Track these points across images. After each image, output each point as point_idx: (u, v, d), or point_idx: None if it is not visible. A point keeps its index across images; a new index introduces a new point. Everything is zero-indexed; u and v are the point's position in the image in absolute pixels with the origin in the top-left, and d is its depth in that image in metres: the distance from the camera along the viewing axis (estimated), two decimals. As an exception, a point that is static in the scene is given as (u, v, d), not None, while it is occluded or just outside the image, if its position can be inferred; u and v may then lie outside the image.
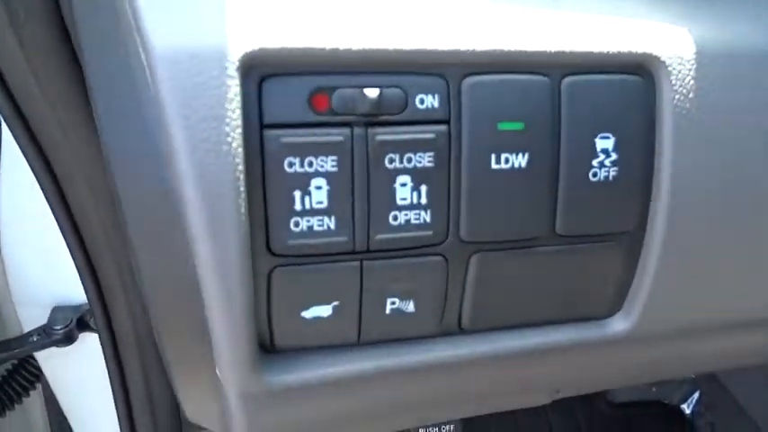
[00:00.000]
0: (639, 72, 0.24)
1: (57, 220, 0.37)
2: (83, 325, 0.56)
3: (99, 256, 0.40)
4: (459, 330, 0.26)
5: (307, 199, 0.22)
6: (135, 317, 0.46)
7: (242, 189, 0.21)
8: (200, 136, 0.20)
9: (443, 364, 0.26)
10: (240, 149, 0.20)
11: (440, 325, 0.25)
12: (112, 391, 0.52)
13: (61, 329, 0.54)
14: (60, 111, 0.29)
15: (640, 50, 0.24)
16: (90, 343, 0.54)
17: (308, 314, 0.23)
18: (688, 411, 0.98)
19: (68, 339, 0.54)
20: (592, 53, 0.24)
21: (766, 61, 0.26)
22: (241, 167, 0.20)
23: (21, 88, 0.28)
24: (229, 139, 0.20)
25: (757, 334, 0.32)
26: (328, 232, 0.22)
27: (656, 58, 0.24)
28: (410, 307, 0.24)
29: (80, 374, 0.58)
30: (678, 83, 0.24)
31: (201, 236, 0.21)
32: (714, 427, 0.96)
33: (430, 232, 0.23)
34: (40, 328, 0.54)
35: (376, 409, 0.28)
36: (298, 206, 0.22)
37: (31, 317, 0.56)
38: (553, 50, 0.23)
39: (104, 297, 0.45)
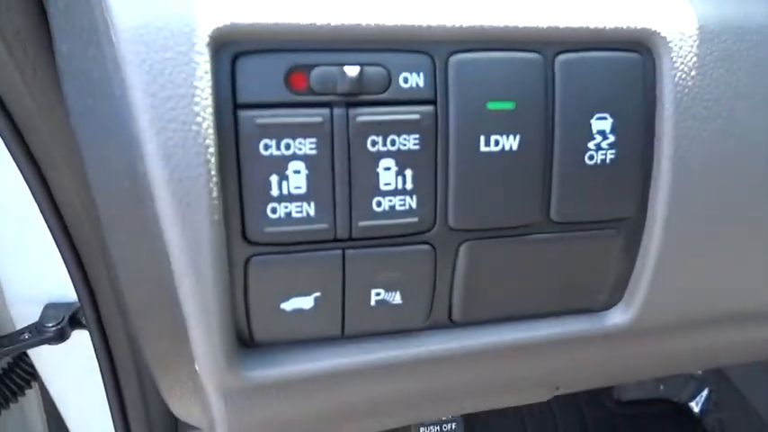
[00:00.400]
0: (638, 49, 0.23)
1: (44, 217, 0.36)
2: (75, 322, 0.55)
3: (87, 253, 0.39)
4: (450, 323, 0.25)
5: (284, 184, 0.21)
6: (125, 313, 0.45)
7: (213, 173, 0.19)
8: (168, 115, 0.19)
9: (433, 358, 0.25)
10: (211, 130, 0.19)
11: (428, 317, 0.24)
12: (105, 388, 0.51)
13: (53, 327, 0.53)
14: (41, 98, 0.28)
15: (639, 26, 0.23)
16: (83, 340, 0.53)
17: (287, 306, 0.22)
18: (697, 409, 0.97)
19: (60, 337, 0.53)
20: (587, 29, 0.22)
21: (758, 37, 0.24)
22: (212, 149, 0.19)
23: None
24: (199, 119, 0.19)
25: (764, 327, 0.31)
26: (308, 219, 0.21)
27: (656, 34, 0.23)
28: (396, 298, 0.23)
29: (74, 372, 0.58)
30: (679, 60, 0.23)
31: (171, 223, 0.20)
32: (723, 424, 0.94)
33: (416, 219, 0.22)
34: (31, 325, 0.54)
35: (363, 405, 0.26)
36: (275, 191, 0.21)
37: (23, 314, 0.55)
38: (546, 26, 0.22)
39: (94, 294, 0.44)
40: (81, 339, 0.55)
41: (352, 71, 0.20)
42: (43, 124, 0.29)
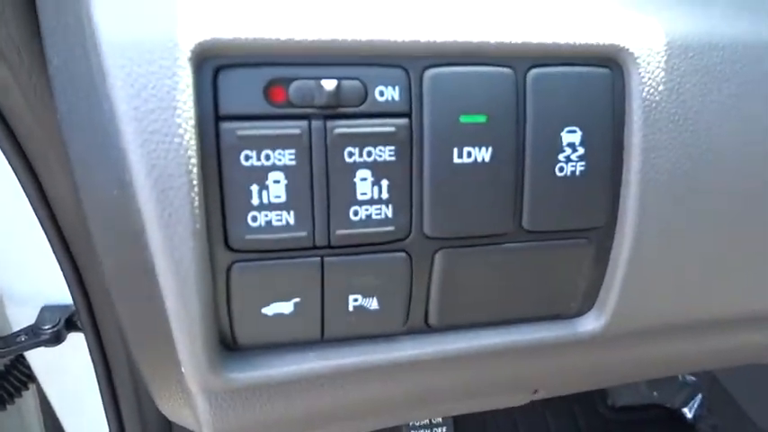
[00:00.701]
0: (608, 64, 0.24)
1: (39, 221, 0.37)
2: (71, 325, 0.56)
3: (82, 256, 0.40)
4: (426, 328, 0.25)
5: (264, 193, 0.22)
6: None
7: (195, 183, 0.20)
8: (151, 127, 0.20)
9: (410, 362, 0.25)
10: (193, 142, 0.20)
11: (405, 322, 0.25)
12: (100, 389, 0.52)
13: (49, 329, 0.54)
14: (36, 103, 0.29)
15: (608, 42, 0.24)
16: (80, 343, 0.54)
17: (268, 311, 0.23)
18: (690, 415, 0.97)
19: (56, 339, 0.54)
20: (558, 44, 0.23)
21: (738, 54, 0.25)
22: (194, 161, 0.20)
23: None
24: (181, 131, 0.20)
25: (738, 333, 0.32)
26: (287, 227, 0.22)
27: (625, 50, 0.24)
28: (374, 304, 0.24)
29: (70, 373, 0.58)
30: (647, 75, 0.24)
31: (155, 231, 0.21)
32: (716, 430, 0.95)
33: (392, 228, 0.23)
34: (27, 327, 0.55)
35: (345, 407, 0.27)
36: (255, 200, 0.22)
37: (20, 317, 0.56)
38: (518, 41, 0.23)
39: (89, 297, 0.45)
40: (77, 342, 0.56)
41: (329, 85, 0.21)
42: (38, 129, 0.30)
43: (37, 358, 0.60)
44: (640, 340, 0.29)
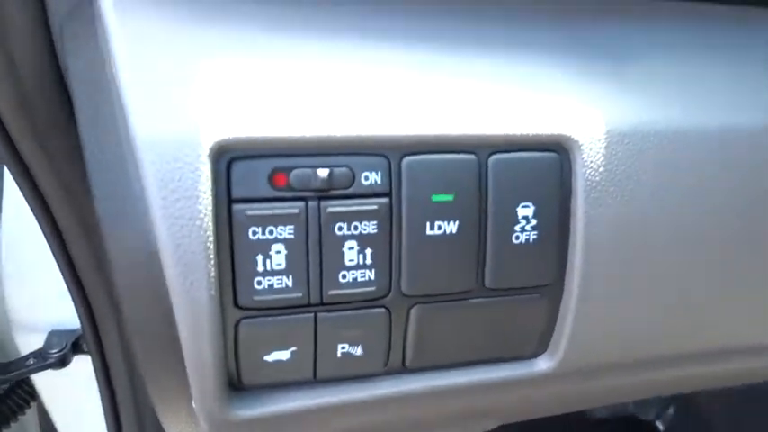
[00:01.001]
0: (557, 149, 0.29)
1: (51, 251, 0.41)
2: (77, 348, 0.59)
3: (90, 283, 0.43)
4: (404, 369, 0.30)
5: (268, 262, 0.26)
6: (125, 341, 0.49)
7: (212, 256, 0.25)
8: (177, 213, 0.24)
9: (390, 398, 0.30)
10: (210, 223, 0.24)
11: (386, 365, 0.29)
12: (104, 412, 0.55)
13: (56, 353, 0.57)
14: (61, 170, 0.33)
15: (556, 132, 0.28)
16: (84, 365, 0.57)
17: (269, 358, 0.27)
18: (662, 428, 1.02)
19: (62, 362, 0.58)
20: (514, 135, 0.28)
21: (669, 139, 0.30)
22: (211, 238, 0.25)
23: (26, 152, 0.32)
24: (201, 215, 0.24)
25: (683, 368, 0.36)
26: (286, 289, 0.26)
27: (570, 138, 0.28)
28: (359, 351, 0.28)
29: (74, 395, 0.62)
30: (589, 159, 0.29)
31: (177, 294, 0.25)
32: (687, 442, 0.99)
33: (374, 288, 0.27)
34: (36, 351, 0.58)
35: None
36: (260, 268, 0.26)
37: (29, 340, 0.59)
38: (480, 133, 0.27)
39: (96, 321, 0.49)
40: (81, 365, 0.59)
41: (323, 172, 0.26)
42: (57, 181, 0.34)
43: (41, 378, 0.63)
44: (593, 375, 0.33)
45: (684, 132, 0.31)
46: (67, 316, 0.62)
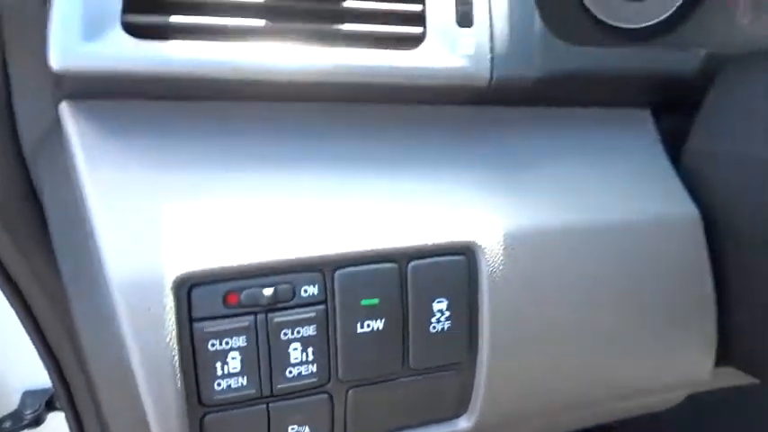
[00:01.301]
0: (464, 252, 0.35)
1: (21, 323, 0.45)
2: (50, 406, 0.63)
3: (60, 349, 0.47)
4: (346, 438, 0.36)
5: (225, 367, 0.31)
6: (96, 398, 0.54)
7: (177, 366, 0.30)
8: (146, 337, 0.29)
9: (336, 463, 0.36)
10: (175, 341, 0.30)
11: (331, 437, 0.35)
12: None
13: (30, 414, 0.61)
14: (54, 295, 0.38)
15: (463, 239, 0.34)
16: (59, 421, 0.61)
17: (231, 443, 0.33)
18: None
19: (37, 422, 0.61)
20: (427, 244, 0.34)
21: (559, 239, 0.36)
22: (176, 352, 0.30)
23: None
24: (167, 335, 0.29)
25: (581, 411, 0.43)
26: (242, 388, 0.32)
27: (475, 243, 0.35)
28: (306, 430, 0.34)
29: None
30: (492, 259, 0.35)
31: (150, 400, 0.30)
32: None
33: (316, 379, 0.33)
34: (12, 413, 0.61)
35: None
36: (219, 372, 0.31)
37: (4, 402, 0.62)
38: (399, 245, 0.33)
39: (67, 381, 0.53)
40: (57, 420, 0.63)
41: (268, 291, 0.31)
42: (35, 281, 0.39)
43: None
44: (507, 427, 0.40)
45: (570, 229, 0.37)
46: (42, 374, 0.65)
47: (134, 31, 0.31)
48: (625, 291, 0.38)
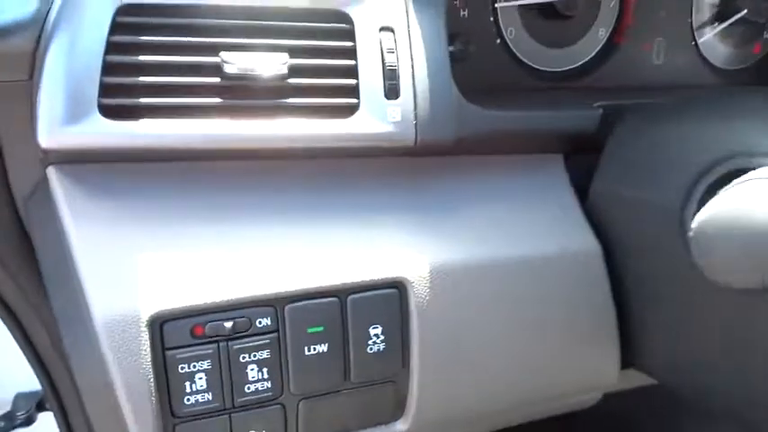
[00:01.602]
0: (396, 286, 0.41)
1: (10, 332, 0.51)
2: (41, 407, 0.69)
3: (48, 356, 0.53)
4: (299, 442, 0.42)
5: (193, 385, 0.38)
6: (81, 398, 0.60)
7: (153, 386, 0.36)
8: (127, 366, 0.35)
9: (290, 462, 0.42)
10: (150, 367, 0.36)
11: (285, 441, 0.42)
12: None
13: (22, 415, 0.67)
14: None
15: (395, 275, 0.41)
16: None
17: (199, 447, 0.39)
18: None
19: (28, 421, 0.67)
20: (364, 281, 0.40)
21: (478, 272, 0.43)
22: (152, 376, 0.36)
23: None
24: (144, 363, 0.36)
25: (508, 413, 0.50)
26: (208, 402, 0.38)
27: (405, 278, 0.41)
28: (265, 436, 0.41)
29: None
30: (420, 291, 0.42)
31: (131, 413, 0.36)
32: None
33: (271, 393, 0.40)
34: (4, 414, 0.67)
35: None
36: (188, 390, 0.38)
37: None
38: (340, 283, 0.40)
39: (55, 386, 0.59)
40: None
41: (228, 324, 0.38)
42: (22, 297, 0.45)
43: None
44: (446, 427, 0.47)
45: (488, 263, 0.44)
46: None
47: (109, 112, 0.36)
48: (536, 313, 0.45)
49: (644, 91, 0.59)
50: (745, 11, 0.61)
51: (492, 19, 0.55)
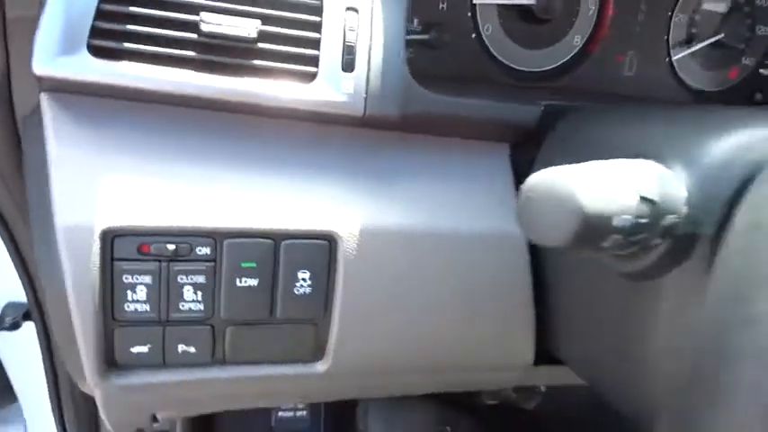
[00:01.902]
0: (327, 239, 0.46)
1: (4, 244, 0.58)
2: (27, 317, 0.76)
3: (31, 262, 0.60)
4: (224, 361, 0.48)
5: (134, 295, 0.43)
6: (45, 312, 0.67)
7: (97, 291, 0.42)
8: (79, 272, 0.41)
9: (215, 379, 0.48)
10: (98, 273, 0.42)
11: (212, 358, 0.47)
12: (44, 371, 0.72)
13: (10, 320, 0.74)
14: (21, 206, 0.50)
15: (328, 229, 0.46)
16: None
17: (134, 350, 0.45)
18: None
19: (14, 326, 0.75)
20: (299, 229, 0.45)
21: (400, 237, 0.47)
22: (98, 282, 0.42)
23: None
24: (93, 270, 0.41)
25: (426, 375, 0.55)
26: (146, 312, 0.44)
27: (336, 233, 0.46)
28: (192, 350, 0.46)
29: (26, 356, 0.78)
30: (348, 246, 0.46)
31: (77, 314, 0.42)
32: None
33: (202, 314, 0.45)
34: (-6, 317, 0.75)
35: (182, 398, 0.50)
36: (129, 298, 0.43)
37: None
38: (276, 228, 0.45)
39: (37, 294, 0.65)
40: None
41: (171, 246, 0.43)
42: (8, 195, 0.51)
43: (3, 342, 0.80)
44: (357, 376, 0.52)
45: (415, 231, 0.48)
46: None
47: (96, 51, 0.42)
48: (458, 285, 0.50)
49: (613, 99, 0.62)
50: (722, 35, 0.64)
51: (470, 14, 0.59)
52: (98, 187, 0.42)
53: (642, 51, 0.63)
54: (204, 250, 0.44)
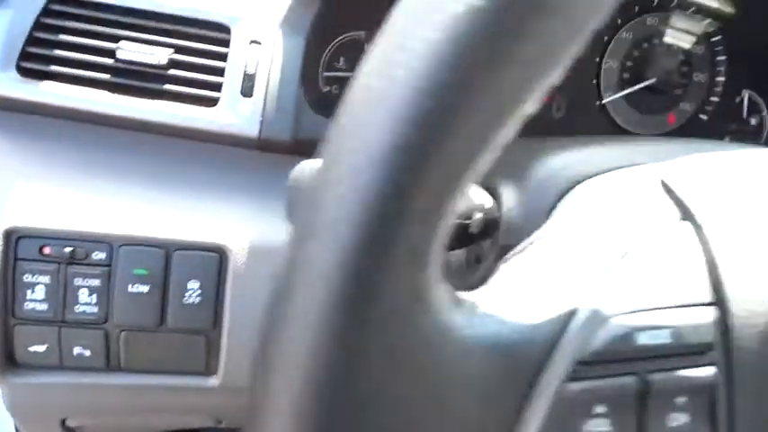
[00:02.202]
0: (218, 251, 0.49)
1: None
2: None
3: None
4: (120, 368, 0.50)
5: (33, 294, 0.47)
6: None
7: (-2, 287, 0.46)
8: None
9: (110, 386, 0.50)
10: (1, 272, 0.46)
11: (108, 365, 0.49)
12: None
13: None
14: None
15: (217, 241, 0.48)
16: None
17: (31, 349, 0.48)
18: None
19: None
20: (192, 241, 0.48)
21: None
22: (0, 280, 0.46)
23: None
24: (-4, 266, 0.46)
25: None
26: (43, 312, 0.47)
27: (226, 246, 0.48)
28: (87, 353, 0.48)
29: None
30: (237, 259, 0.49)
31: None
32: None
33: (96, 318, 0.48)
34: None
35: (84, 403, 0.52)
36: (28, 297, 0.47)
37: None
38: (170, 238, 0.48)
39: None
40: None
41: (68, 249, 0.47)
42: None
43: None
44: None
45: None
46: None
47: (24, 72, 0.48)
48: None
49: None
50: (654, 79, 0.64)
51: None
52: (5, 190, 0.47)
53: (569, 95, 0.65)
54: (100, 255, 0.48)
